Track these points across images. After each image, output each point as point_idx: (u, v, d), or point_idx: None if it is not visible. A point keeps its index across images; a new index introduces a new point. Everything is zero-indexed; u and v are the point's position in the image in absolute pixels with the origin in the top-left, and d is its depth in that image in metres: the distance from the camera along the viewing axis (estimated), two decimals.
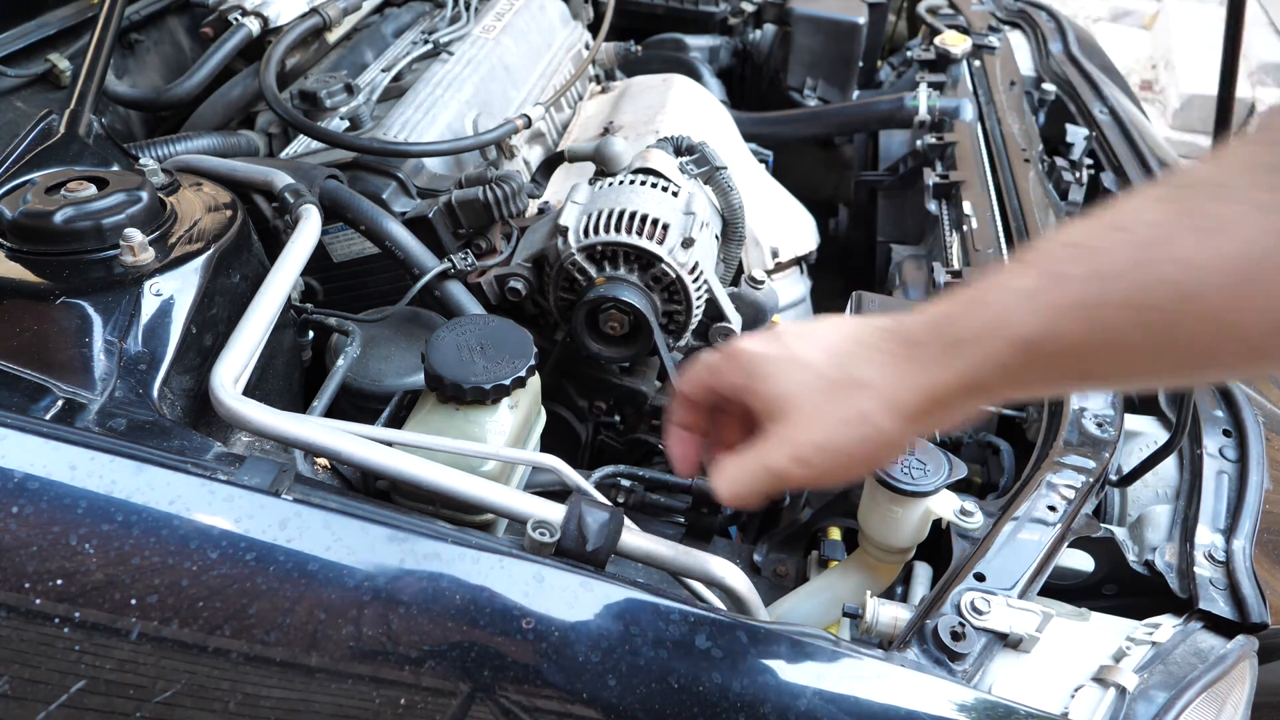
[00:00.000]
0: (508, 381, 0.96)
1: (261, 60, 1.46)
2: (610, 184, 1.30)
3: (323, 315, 1.28)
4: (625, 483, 1.24)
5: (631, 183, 1.28)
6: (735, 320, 1.30)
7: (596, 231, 1.20)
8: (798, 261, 1.87)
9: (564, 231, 1.21)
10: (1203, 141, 4.51)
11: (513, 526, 0.98)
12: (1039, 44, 2.21)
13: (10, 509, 0.70)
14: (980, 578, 0.86)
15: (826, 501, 1.14)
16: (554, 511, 0.80)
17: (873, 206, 2.03)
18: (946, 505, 0.95)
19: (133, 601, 0.70)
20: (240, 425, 0.82)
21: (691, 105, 1.84)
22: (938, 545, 1.00)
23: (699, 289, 1.24)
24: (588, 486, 0.87)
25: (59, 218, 0.93)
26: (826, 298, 2.00)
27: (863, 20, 2.28)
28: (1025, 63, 2.16)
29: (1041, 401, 1.18)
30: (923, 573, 1.01)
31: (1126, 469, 1.08)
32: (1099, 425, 1.08)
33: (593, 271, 1.22)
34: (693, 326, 1.28)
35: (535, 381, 1.05)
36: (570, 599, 0.74)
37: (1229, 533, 0.99)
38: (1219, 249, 0.48)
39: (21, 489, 0.71)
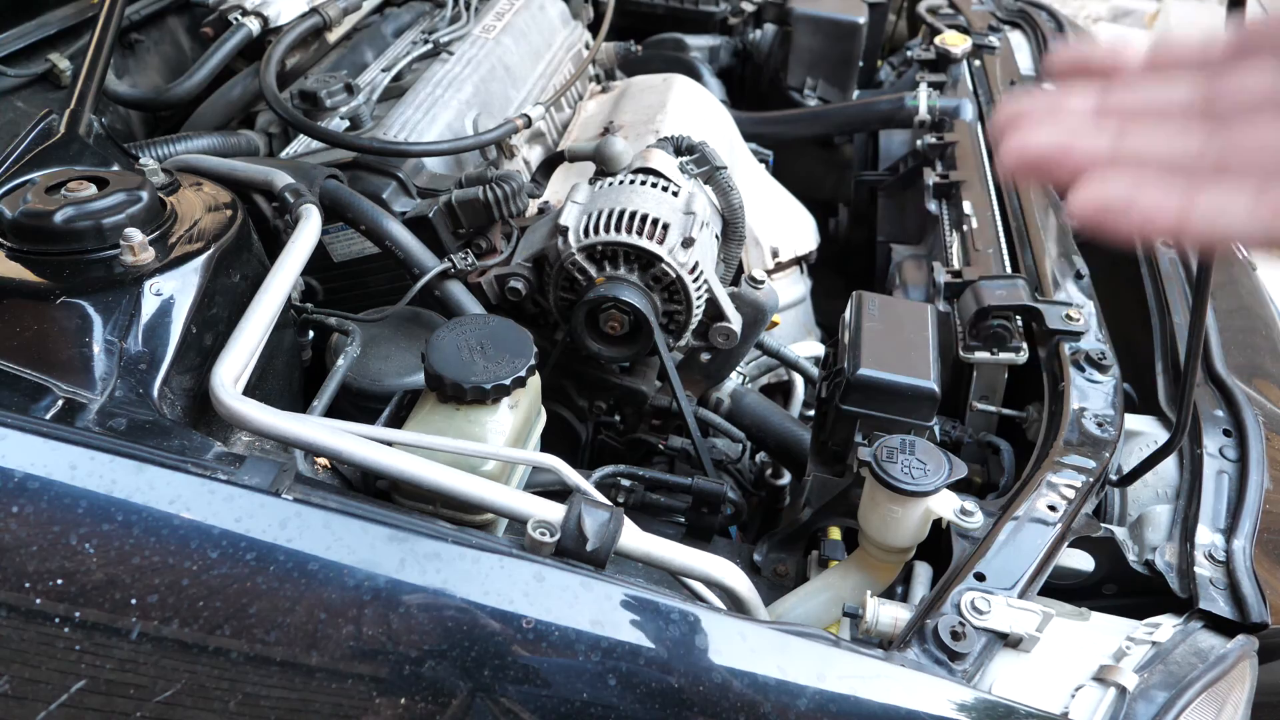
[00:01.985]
0: (508, 381, 0.96)
1: (261, 60, 1.46)
2: (610, 184, 1.30)
3: (323, 315, 1.28)
4: (625, 483, 1.24)
5: (632, 182, 1.28)
6: (735, 320, 1.30)
7: (596, 231, 1.20)
8: (798, 261, 1.87)
9: (564, 231, 1.21)
10: None
11: (513, 526, 0.98)
12: (1039, 44, 2.20)
13: (10, 509, 0.70)
14: (980, 577, 0.86)
15: (826, 501, 1.14)
16: (554, 511, 0.80)
17: (873, 206, 2.03)
18: (946, 505, 0.95)
19: (133, 601, 0.70)
20: (240, 425, 0.82)
21: (692, 105, 1.84)
22: (938, 545, 1.00)
23: (699, 289, 1.24)
24: (588, 486, 0.87)
25: (59, 217, 0.93)
26: (826, 298, 2.00)
27: (863, 20, 2.28)
28: (1025, 62, 2.16)
29: (1041, 401, 1.18)
30: (923, 572, 1.01)
31: (1126, 469, 1.08)
32: (1099, 425, 1.08)
33: (593, 271, 1.22)
34: (693, 326, 1.28)
35: (535, 381, 1.05)
36: (570, 599, 0.74)
37: (1229, 532, 0.99)
38: None
39: (22, 489, 0.71)
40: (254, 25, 1.59)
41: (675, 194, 1.28)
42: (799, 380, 1.73)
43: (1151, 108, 0.40)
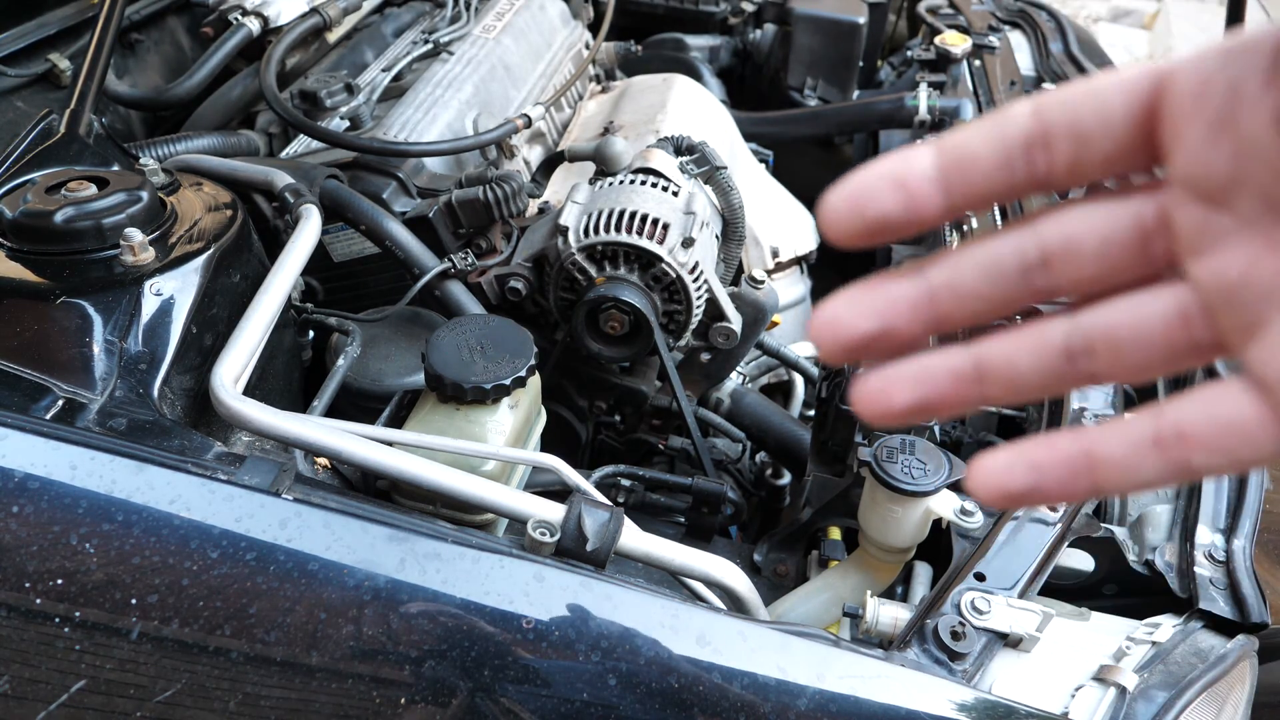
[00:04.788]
0: (508, 381, 0.96)
1: (262, 60, 1.46)
2: (610, 184, 1.30)
3: (323, 315, 1.28)
4: (625, 483, 1.24)
5: (632, 182, 1.28)
6: (735, 320, 1.30)
7: (597, 231, 1.20)
8: (798, 261, 1.87)
9: (564, 231, 1.21)
10: None
11: (513, 526, 0.98)
12: (1039, 44, 2.20)
13: (11, 509, 0.70)
14: (980, 577, 0.86)
15: (826, 501, 1.14)
16: (554, 511, 0.80)
17: None
18: (947, 505, 0.95)
19: (133, 601, 0.70)
20: (240, 425, 0.82)
21: (692, 105, 1.84)
22: (938, 545, 1.00)
23: (699, 289, 1.24)
24: (588, 486, 0.87)
25: (59, 217, 0.93)
26: (827, 298, 2.00)
27: (863, 20, 2.28)
28: (1025, 62, 2.16)
29: (1040, 401, 1.18)
30: (923, 572, 1.01)
31: None
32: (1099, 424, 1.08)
33: (593, 271, 1.22)
34: (693, 326, 1.28)
35: (535, 381, 1.05)
36: (570, 599, 0.74)
37: (1229, 532, 0.99)
38: None
39: (22, 489, 0.71)
40: (254, 25, 1.59)
41: (675, 194, 1.28)
42: (799, 380, 1.73)
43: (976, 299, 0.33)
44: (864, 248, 0.33)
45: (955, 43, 2.08)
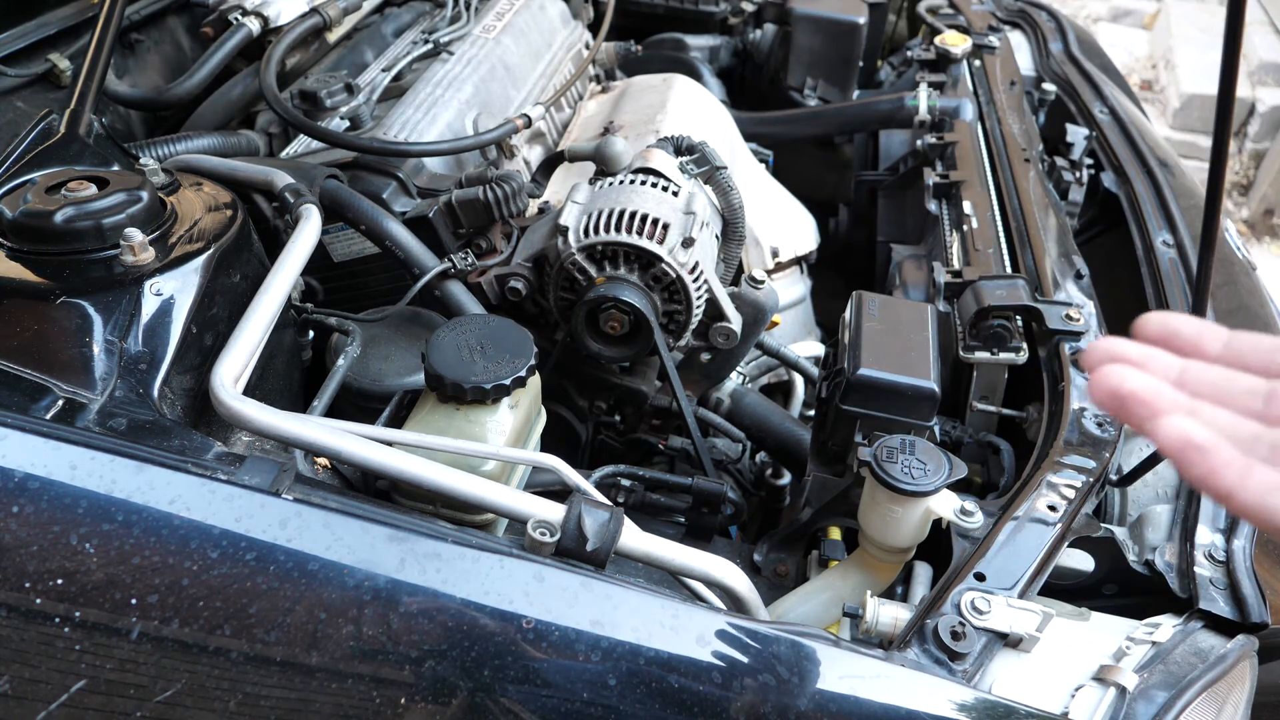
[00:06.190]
0: (508, 381, 0.96)
1: (261, 60, 1.46)
2: (610, 184, 1.30)
3: (323, 315, 1.28)
4: (625, 483, 1.24)
5: (632, 182, 1.28)
6: (735, 320, 1.30)
7: (597, 231, 1.20)
8: (798, 261, 1.87)
9: (564, 231, 1.21)
10: (1203, 141, 4.51)
11: (513, 526, 0.98)
12: (1039, 44, 2.21)
13: (11, 509, 0.70)
14: (980, 577, 0.86)
15: (826, 501, 1.14)
16: (554, 511, 0.80)
17: (873, 206, 2.03)
18: (947, 505, 0.95)
19: (133, 601, 0.70)
20: (240, 425, 0.82)
21: (692, 105, 1.84)
22: (938, 545, 1.00)
23: (699, 289, 1.24)
24: (588, 486, 0.87)
25: (59, 217, 0.93)
26: (826, 298, 2.00)
27: (863, 20, 2.28)
28: (1025, 62, 2.16)
29: (1041, 401, 1.18)
30: (923, 573, 1.01)
31: (1127, 469, 1.08)
32: (1099, 425, 1.08)
33: (593, 271, 1.22)
34: (693, 326, 1.28)
35: (535, 381, 1.05)
36: (570, 599, 0.74)
37: (1229, 532, 0.99)
38: None
39: (22, 489, 0.71)
40: (254, 25, 1.59)
41: (675, 194, 1.28)
42: (799, 380, 1.73)
43: (1220, 389, 0.47)
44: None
45: (955, 43, 2.08)
